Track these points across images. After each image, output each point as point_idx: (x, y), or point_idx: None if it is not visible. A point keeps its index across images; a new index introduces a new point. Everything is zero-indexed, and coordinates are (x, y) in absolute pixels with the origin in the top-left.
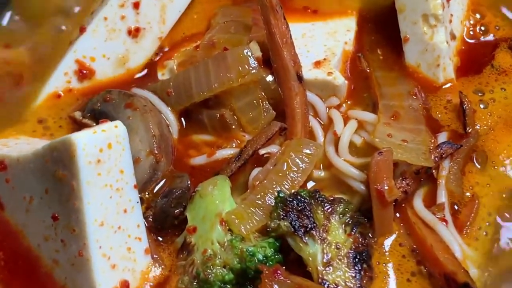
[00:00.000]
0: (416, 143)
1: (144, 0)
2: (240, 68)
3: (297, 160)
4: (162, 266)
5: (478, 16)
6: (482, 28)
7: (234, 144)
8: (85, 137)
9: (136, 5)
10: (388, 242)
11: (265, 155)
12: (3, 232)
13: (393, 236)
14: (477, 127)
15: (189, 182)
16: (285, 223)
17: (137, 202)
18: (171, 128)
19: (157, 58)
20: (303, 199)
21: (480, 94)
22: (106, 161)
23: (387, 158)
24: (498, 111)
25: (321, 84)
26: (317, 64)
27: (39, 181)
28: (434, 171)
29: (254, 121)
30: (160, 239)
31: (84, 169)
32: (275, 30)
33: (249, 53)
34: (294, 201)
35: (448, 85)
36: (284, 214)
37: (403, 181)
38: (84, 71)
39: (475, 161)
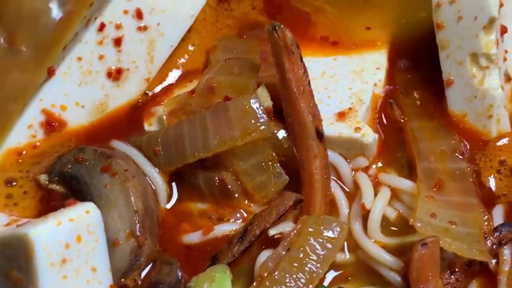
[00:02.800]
0: (467, 226)
1: (128, 35)
2: (245, 123)
3: (317, 245)
4: None
5: None
6: None
7: (238, 215)
8: (46, 233)
9: (117, 42)
10: None
11: (276, 236)
12: None
13: None
14: None
15: (180, 274)
16: None
17: None
18: (159, 196)
19: (144, 102)
20: None
21: None
22: (74, 259)
23: (433, 251)
24: None
25: (347, 142)
26: (341, 116)
27: None
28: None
29: (262, 188)
30: None
31: (44, 273)
32: (289, 76)
33: (257, 105)
34: None
35: (503, 141)
36: None
37: (452, 275)
38: (53, 123)
39: None
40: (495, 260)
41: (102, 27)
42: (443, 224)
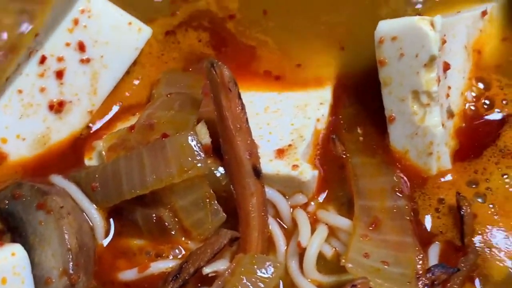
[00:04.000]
0: (400, 266)
1: (70, 68)
2: (182, 160)
3: (250, 285)
4: None
5: (481, 86)
6: (487, 102)
7: (175, 254)
8: None
9: (59, 74)
10: None
11: (210, 274)
12: None
13: None
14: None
15: None
16: None
17: None
18: (96, 232)
19: (86, 136)
20: None
21: (473, 186)
22: None
23: None
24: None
25: (285, 180)
26: (280, 153)
27: None
28: None
29: (200, 225)
30: None
31: None
32: (227, 114)
33: (194, 142)
34: None
35: (443, 179)
36: None
37: None
38: None
39: (476, 283)
40: None
41: (43, 59)
42: (376, 264)
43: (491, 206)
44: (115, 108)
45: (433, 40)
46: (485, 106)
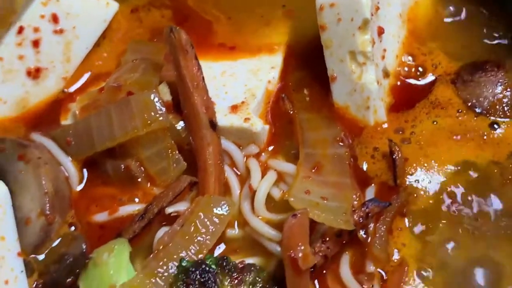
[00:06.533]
0: (337, 201)
1: (45, 38)
2: (145, 115)
3: (206, 221)
4: None
5: (417, 47)
6: (420, 68)
7: (140, 199)
8: None
9: (35, 44)
10: None
11: (172, 214)
12: None
13: None
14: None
15: (84, 247)
16: None
17: (22, 271)
18: (71, 181)
19: (61, 99)
20: (207, 269)
21: (400, 133)
22: None
23: (302, 221)
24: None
25: (238, 131)
26: (234, 108)
27: None
28: (362, 232)
29: (163, 173)
30: None
31: None
32: (184, 73)
33: (156, 98)
34: (197, 271)
35: (378, 129)
36: (184, 287)
37: (323, 244)
38: None
39: (406, 218)
40: (364, 231)
41: (21, 30)
42: (316, 199)
43: (418, 148)
44: (87, 75)
45: (365, 5)
46: (419, 71)
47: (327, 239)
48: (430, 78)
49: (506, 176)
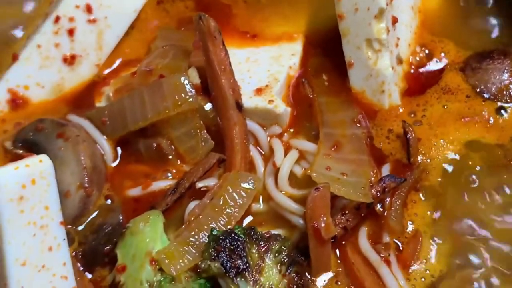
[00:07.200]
0: (356, 176)
1: (80, 27)
2: (176, 96)
3: (234, 195)
4: None
5: (428, 38)
6: (426, 51)
7: (171, 175)
8: (6, 174)
9: (71, 32)
10: (324, 280)
11: (202, 189)
12: None
13: (331, 274)
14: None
15: (121, 218)
16: (216, 264)
17: (64, 239)
18: (106, 158)
19: (95, 83)
20: (236, 237)
21: (412, 116)
22: (30, 197)
23: (324, 194)
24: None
25: (262, 113)
26: (258, 91)
27: None
28: (379, 205)
29: (192, 151)
30: (90, 276)
31: (4, 207)
32: (213, 57)
33: (186, 81)
34: (227, 240)
35: (393, 112)
36: (215, 254)
37: (343, 217)
38: (18, 101)
39: (419, 192)
40: (381, 205)
41: (57, 19)
42: (336, 175)
43: (429, 129)
44: (118, 61)
45: None
46: (430, 59)
47: (347, 212)
48: (440, 65)
49: (509, 157)
